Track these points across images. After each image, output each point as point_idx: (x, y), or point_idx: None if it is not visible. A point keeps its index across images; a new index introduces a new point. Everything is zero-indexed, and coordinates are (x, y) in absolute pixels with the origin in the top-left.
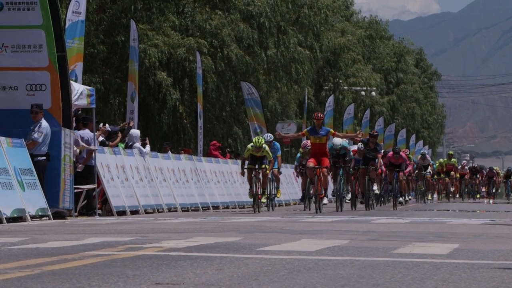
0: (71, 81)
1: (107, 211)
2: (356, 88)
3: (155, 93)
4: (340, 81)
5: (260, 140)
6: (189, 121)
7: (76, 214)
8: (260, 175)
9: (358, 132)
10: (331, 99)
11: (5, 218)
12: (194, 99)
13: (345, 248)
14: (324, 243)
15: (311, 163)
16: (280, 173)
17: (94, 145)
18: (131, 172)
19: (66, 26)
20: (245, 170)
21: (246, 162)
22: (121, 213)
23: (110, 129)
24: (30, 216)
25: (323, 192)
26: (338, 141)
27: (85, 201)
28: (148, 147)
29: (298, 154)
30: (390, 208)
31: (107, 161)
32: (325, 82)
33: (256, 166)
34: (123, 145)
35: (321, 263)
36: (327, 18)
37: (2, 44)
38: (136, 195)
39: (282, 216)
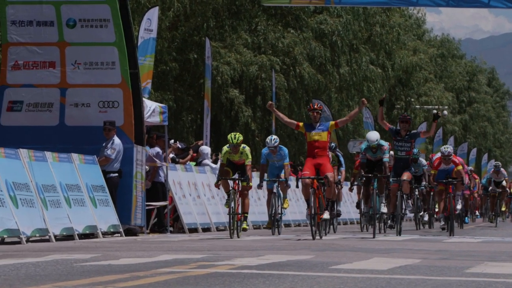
0: (144, 98)
1: (179, 228)
2: (428, 107)
3: (227, 110)
4: (412, 99)
5: (237, 136)
6: (261, 138)
7: (148, 231)
8: (240, 188)
9: (362, 102)
10: None
11: (77, 234)
12: (266, 116)
13: (417, 267)
14: (396, 262)
15: (306, 174)
16: (288, 186)
17: (166, 162)
18: (203, 189)
19: (138, 44)
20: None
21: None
22: (193, 230)
23: (180, 146)
24: (102, 232)
25: (324, 209)
26: (374, 135)
27: (157, 218)
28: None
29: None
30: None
31: (179, 178)
32: (397, 101)
33: (236, 176)
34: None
35: (393, 282)
36: (399, 37)
37: (75, 61)
38: (208, 213)
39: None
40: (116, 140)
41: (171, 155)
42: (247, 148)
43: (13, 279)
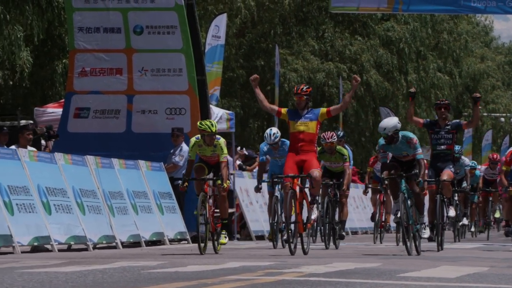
0: (211, 105)
1: (246, 235)
2: (495, 114)
3: None
4: (479, 107)
5: (214, 124)
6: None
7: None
8: (215, 191)
9: (353, 79)
10: None
11: (144, 241)
12: (333, 124)
13: (485, 275)
14: (464, 270)
15: (289, 170)
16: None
17: (233, 169)
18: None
19: (206, 50)
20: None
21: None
22: (260, 237)
23: (247, 153)
24: (168, 239)
25: (309, 218)
26: (389, 122)
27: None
28: None
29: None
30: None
31: (246, 186)
32: (464, 108)
33: (212, 176)
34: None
35: None
36: (467, 44)
37: (142, 68)
38: None
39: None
40: (184, 147)
41: (238, 162)
42: (222, 140)
43: (81, 286)
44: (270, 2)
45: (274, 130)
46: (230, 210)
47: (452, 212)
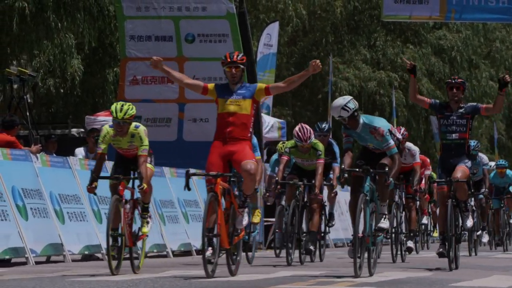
0: (262, 114)
1: (296, 244)
2: None
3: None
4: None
5: (126, 108)
6: None
7: (265, 247)
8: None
9: (311, 65)
10: None
11: (195, 250)
12: None
13: None
14: None
15: (211, 167)
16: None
17: None
18: None
19: (258, 59)
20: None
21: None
22: None
23: None
24: None
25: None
26: (335, 103)
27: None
28: None
29: (275, 157)
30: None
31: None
32: None
33: (133, 175)
34: None
35: None
36: None
37: (193, 76)
38: None
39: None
40: None
41: None
42: (142, 128)
43: None
44: (322, 10)
45: None
46: None
47: (469, 222)
